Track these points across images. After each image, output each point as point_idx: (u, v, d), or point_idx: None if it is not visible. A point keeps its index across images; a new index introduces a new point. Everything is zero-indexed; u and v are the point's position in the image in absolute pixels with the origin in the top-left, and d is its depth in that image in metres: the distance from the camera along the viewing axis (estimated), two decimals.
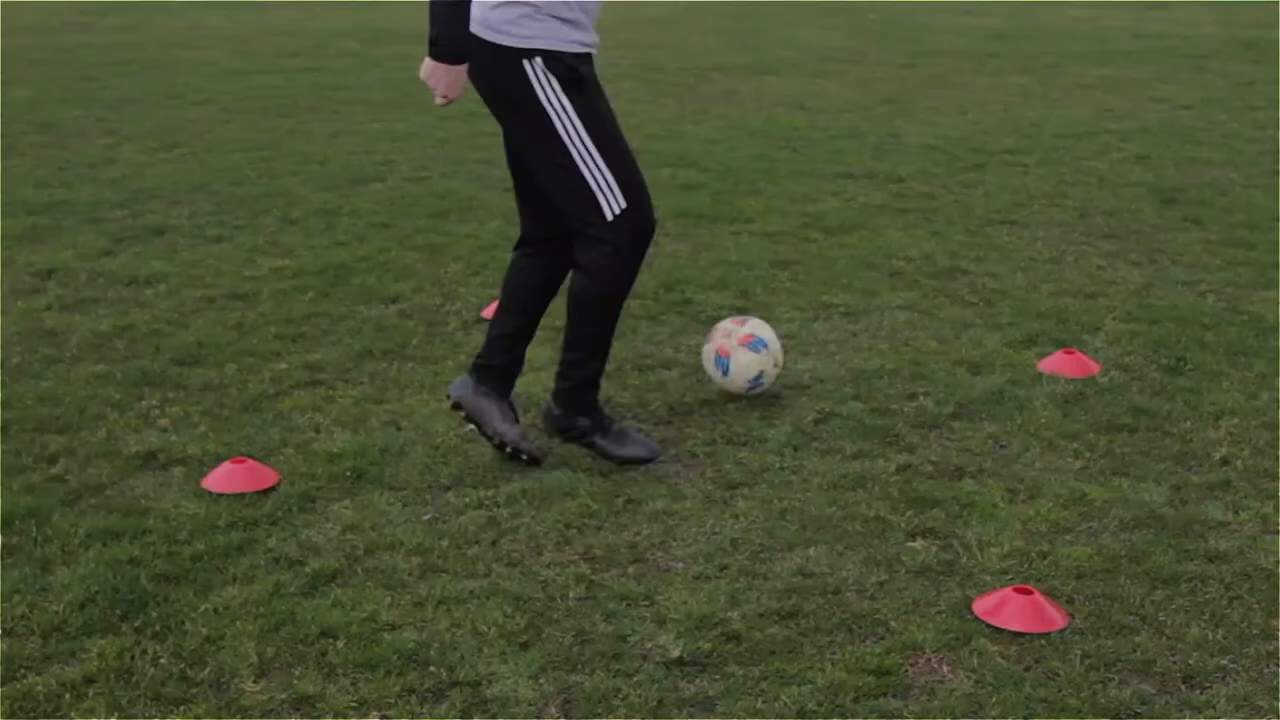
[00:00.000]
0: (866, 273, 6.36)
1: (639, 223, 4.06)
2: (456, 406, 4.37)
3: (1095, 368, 5.13)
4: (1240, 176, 8.28)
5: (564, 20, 3.96)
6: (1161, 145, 9.17)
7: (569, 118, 3.95)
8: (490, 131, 9.70)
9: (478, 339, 5.46)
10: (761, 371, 4.77)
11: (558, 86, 3.95)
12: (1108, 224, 7.22)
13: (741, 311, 5.79)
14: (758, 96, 11.21)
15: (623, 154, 4.04)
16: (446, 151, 9.04)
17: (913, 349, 5.37)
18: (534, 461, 4.27)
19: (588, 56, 4.08)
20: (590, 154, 3.96)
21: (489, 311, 5.74)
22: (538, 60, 3.93)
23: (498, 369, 4.35)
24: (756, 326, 4.86)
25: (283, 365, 5.18)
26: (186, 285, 6.15)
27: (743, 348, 4.76)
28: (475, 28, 3.98)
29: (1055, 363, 5.15)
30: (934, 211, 7.49)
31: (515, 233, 6.96)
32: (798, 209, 7.51)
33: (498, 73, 4.00)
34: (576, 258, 4.14)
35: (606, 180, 3.98)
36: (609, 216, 4.00)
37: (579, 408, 4.28)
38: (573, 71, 3.97)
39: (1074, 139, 9.40)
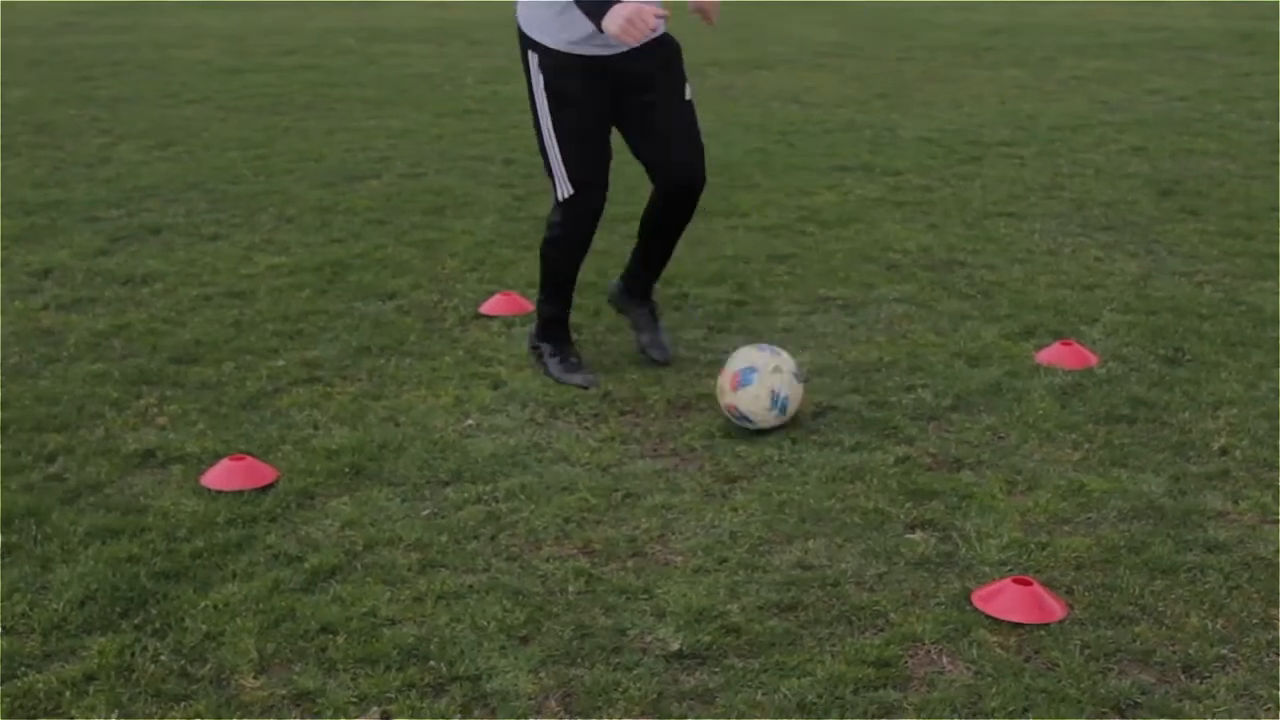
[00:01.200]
0: (864, 266, 6.35)
1: (579, 210, 4.79)
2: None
3: (1093, 359, 5.13)
4: (1238, 167, 8.28)
5: (560, 11, 4.51)
6: (1158, 137, 9.17)
7: (545, 109, 4.69)
8: (485, 128, 9.72)
9: (475, 334, 5.47)
10: (773, 391, 4.46)
11: (541, 85, 4.67)
12: (1105, 215, 7.22)
13: (740, 305, 5.79)
14: (753, 91, 11.21)
15: (583, 151, 4.71)
16: (442, 148, 9.03)
17: (910, 341, 5.37)
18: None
19: (591, 61, 4.64)
20: (553, 144, 4.70)
21: (487, 307, 5.75)
22: (534, 54, 4.65)
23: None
24: (739, 359, 4.58)
25: (280, 362, 5.18)
26: (183, 283, 6.14)
27: (740, 390, 4.49)
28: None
29: (1053, 354, 5.15)
30: (931, 204, 7.49)
31: (510, 228, 7.03)
32: (794, 203, 7.51)
33: (520, 52, 4.75)
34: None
35: (561, 169, 4.71)
36: (559, 197, 4.76)
37: (541, 335, 5.10)
38: (558, 78, 4.65)
39: (1070, 131, 9.40)
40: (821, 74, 12.05)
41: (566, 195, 4.72)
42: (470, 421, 4.64)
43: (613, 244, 6.76)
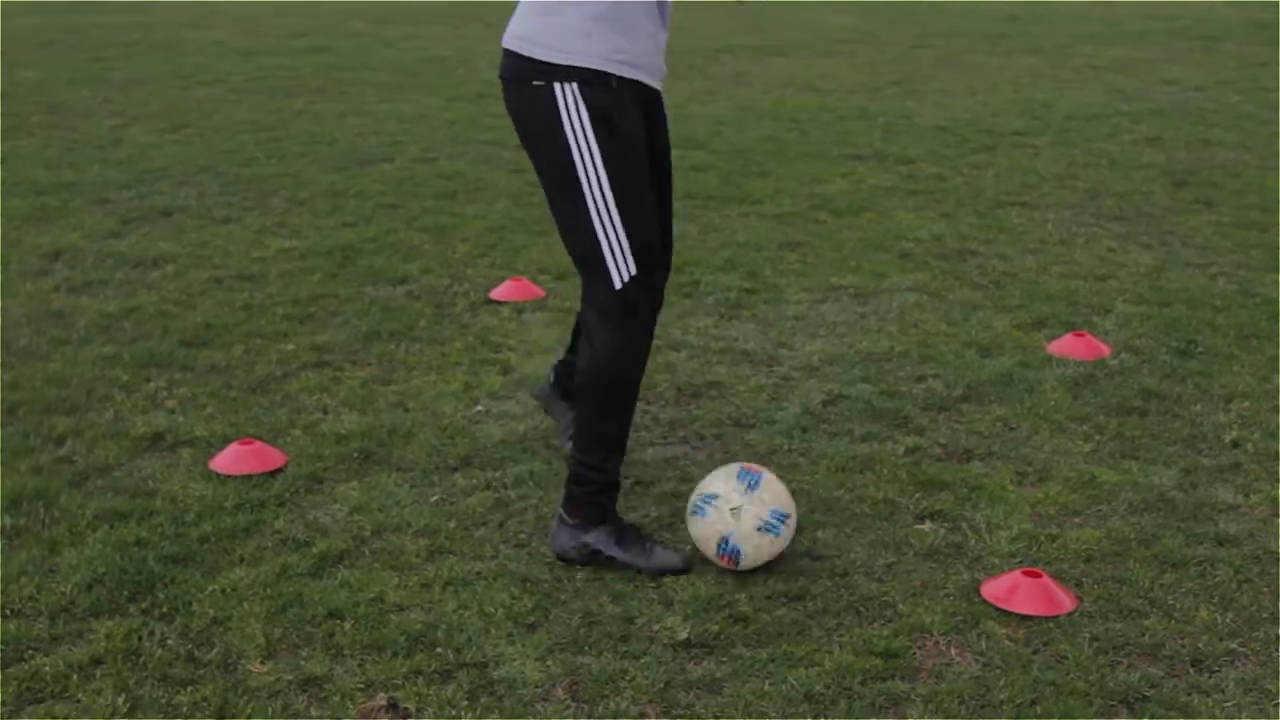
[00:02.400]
0: (875, 254, 6.33)
1: (646, 294, 3.52)
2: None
3: (1105, 350, 5.11)
4: (1253, 158, 8.24)
5: (626, 33, 3.38)
6: (1173, 127, 9.13)
7: (593, 154, 3.38)
8: (498, 113, 9.67)
9: (485, 320, 5.46)
10: (724, 537, 3.54)
11: (586, 121, 3.37)
12: (1118, 206, 7.19)
13: (751, 293, 5.77)
14: (767, 78, 11.18)
15: (643, 208, 3.47)
16: (454, 132, 9.02)
17: (922, 331, 5.35)
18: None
19: (642, 90, 3.48)
20: (607, 204, 3.40)
21: (497, 292, 5.74)
22: (572, 85, 3.36)
23: None
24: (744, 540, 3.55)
25: (290, 346, 5.18)
26: (194, 266, 6.14)
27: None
28: (510, 41, 3.46)
29: (1065, 345, 5.13)
30: (943, 193, 7.46)
31: (522, 213, 7.00)
32: (807, 190, 7.49)
33: (525, 98, 3.43)
34: (585, 330, 3.58)
35: (621, 239, 3.42)
36: (617, 284, 3.45)
37: (592, 514, 3.62)
38: (610, 107, 3.39)
39: (1085, 121, 9.36)
40: (836, 61, 12.01)
41: (628, 277, 3.42)
42: (480, 407, 4.64)
43: None
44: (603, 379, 3.55)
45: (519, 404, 4.66)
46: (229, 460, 4.17)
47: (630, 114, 3.45)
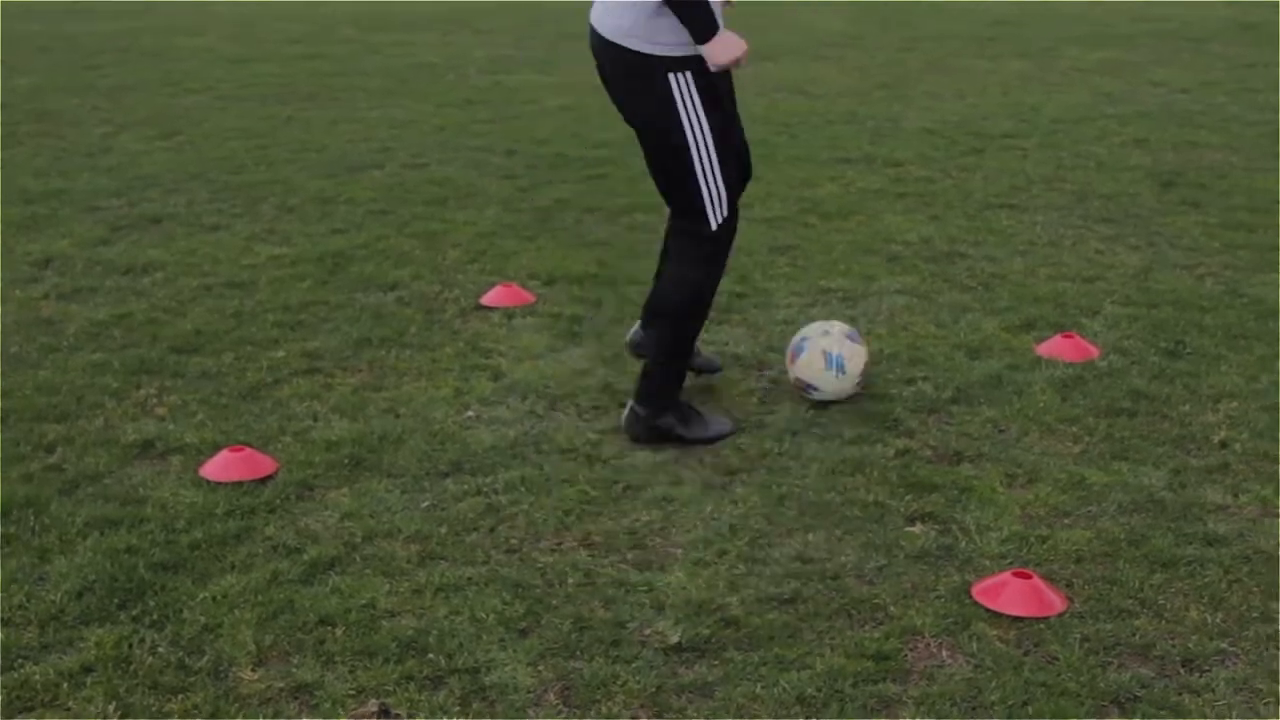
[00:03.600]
0: (864, 257, 6.34)
1: (730, 234, 4.29)
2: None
3: (1094, 351, 5.12)
4: (1240, 159, 8.26)
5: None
6: (1160, 129, 9.15)
7: (702, 132, 4.14)
8: (487, 119, 9.70)
9: (476, 326, 5.46)
10: (825, 352, 4.65)
11: (698, 100, 4.12)
12: (1106, 208, 7.20)
13: (741, 297, 5.78)
14: (756, 82, 11.18)
15: (732, 163, 4.27)
16: (444, 138, 9.02)
17: (911, 334, 5.36)
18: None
19: None
20: (712, 167, 4.17)
21: (487, 298, 5.74)
22: (686, 73, 4.10)
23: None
24: (795, 337, 4.82)
25: (280, 353, 5.18)
26: (184, 274, 6.14)
27: (796, 361, 4.71)
28: (618, 37, 4.11)
29: (1054, 347, 5.14)
30: (932, 196, 7.48)
31: (512, 219, 7.01)
32: (796, 194, 7.49)
33: (640, 82, 4.14)
34: (676, 257, 4.39)
35: (719, 192, 4.20)
36: (714, 225, 4.22)
37: (666, 408, 4.38)
38: (712, 84, 4.16)
39: (1072, 123, 9.38)
40: (825, 65, 12.02)
41: (723, 219, 4.24)
42: (470, 413, 4.64)
43: (614, 234, 6.75)
44: (695, 292, 4.31)
45: (509, 409, 4.66)
46: (219, 467, 4.17)
47: (715, 82, 4.18)
